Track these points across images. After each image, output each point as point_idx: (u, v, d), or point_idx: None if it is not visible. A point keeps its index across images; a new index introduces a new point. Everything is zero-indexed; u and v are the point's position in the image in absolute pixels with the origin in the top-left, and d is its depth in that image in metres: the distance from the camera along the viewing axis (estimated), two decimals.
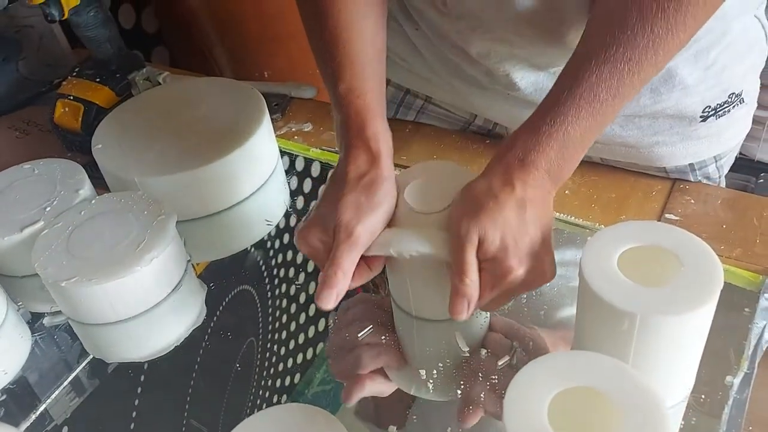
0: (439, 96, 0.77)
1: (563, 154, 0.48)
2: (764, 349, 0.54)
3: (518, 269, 0.48)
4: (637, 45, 0.46)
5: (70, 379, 0.61)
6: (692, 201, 0.67)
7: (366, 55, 0.55)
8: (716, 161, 0.70)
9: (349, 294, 0.52)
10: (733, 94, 0.66)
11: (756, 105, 0.72)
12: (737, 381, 0.51)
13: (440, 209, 0.52)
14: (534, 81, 0.65)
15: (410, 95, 0.80)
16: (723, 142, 0.69)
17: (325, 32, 0.55)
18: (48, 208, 0.66)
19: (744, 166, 1.52)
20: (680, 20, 0.46)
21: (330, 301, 0.49)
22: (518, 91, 0.66)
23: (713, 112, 0.66)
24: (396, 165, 0.76)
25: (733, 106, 0.67)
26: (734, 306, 0.57)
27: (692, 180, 0.70)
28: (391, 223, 0.53)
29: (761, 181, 1.66)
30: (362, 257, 0.51)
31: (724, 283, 0.44)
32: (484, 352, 0.55)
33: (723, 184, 0.74)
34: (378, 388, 0.56)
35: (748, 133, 0.73)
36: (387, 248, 0.50)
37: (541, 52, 0.62)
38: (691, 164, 0.69)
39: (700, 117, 0.66)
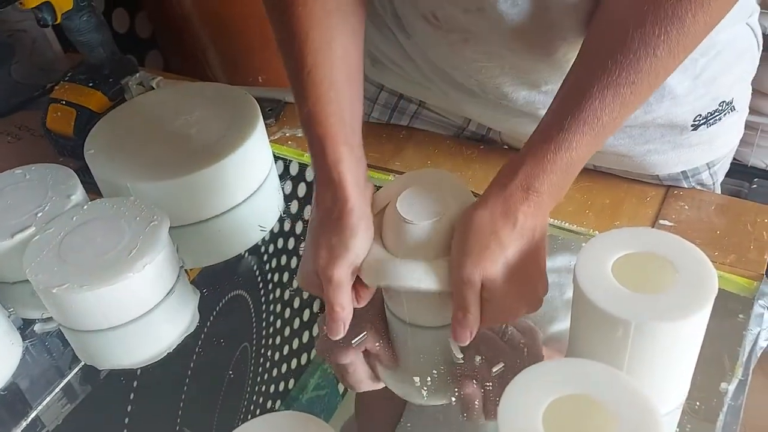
0: (433, 101, 0.77)
1: (566, 179, 0.49)
2: (758, 355, 0.54)
3: (518, 303, 0.49)
4: (640, 69, 0.46)
5: (61, 385, 0.61)
6: (686, 207, 0.67)
7: (331, 79, 0.54)
8: (709, 168, 0.70)
9: None
10: (723, 102, 0.66)
11: (748, 111, 0.72)
12: (732, 388, 0.51)
13: (432, 219, 0.51)
14: (525, 95, 0.65)
15: (404, 100, 0.80)
16: (715, 149, 0.69)
17: (293, 55, 0.55)
18: (39, 214, 0.66)
19: (737, 171, 1.52)
20: (682, 42, 0.46)
21: (339, 331, 0.52)
22: (510, 102, 0.66)
23: (704, 120, 0.66)
24: (390, 170, 0.77)
25: (724, 114, 0.67)
26: (728, 312, 0.57)
27: (686, 187, 0.70)
28: (383, 234, 0.53)
29: (755, 186, 1.67)
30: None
31: (719, 289, 0.44)
32: (478, 358, 0.55)
33: (718, 190, 0.74)
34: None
35: (741, 138, 0.73)
36: (382, 281, 0.52)
37: (533, 67, 0.62)
38: (683, 172, 0.69)
39: (691, 126, 0.66)
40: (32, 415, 0.58)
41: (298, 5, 0.54)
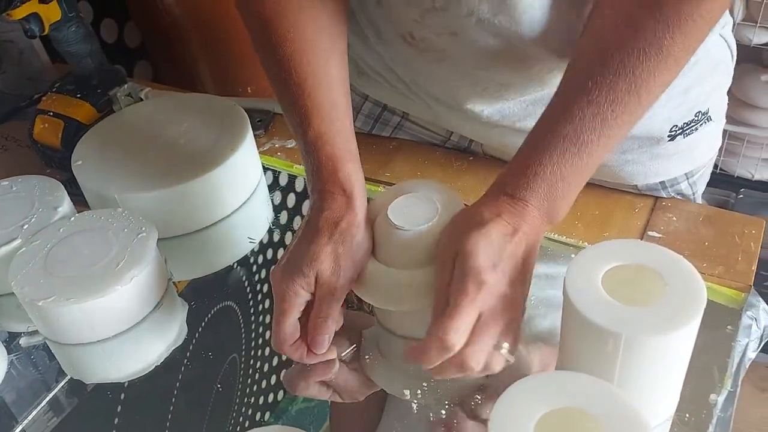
0: (416, 113, 0.78)
1: (553, 193, 0.49)
2: (747, 366, 0.54)
3: (494, 286, 0.47)
4: (619, 88, 0.47)
5: (47, 399, 0.60)
6: (674, 218, 0.68)
7: (332, 99, 0.56)
8: (688, 178, 0.71)
9: None
10: (699, 112, 0.67)
11: (725, 121, 0.72)
12: (721, 399, 0.51)
13: (422, 225, 0.51)
14: (501, 109, 0.66)
15: (387, 111, 0.80)
16: (693, 159, 0.70)
17: (290, 82, 0.56)
18: (26, 226, 0.65)
19: (724, 181, 1.54)
20: (662, 64, 0.47)
21: (324, 345, 0.53)
22: (487, 116, 0.67)
23: (680, 130, 0.66)
24: (379, 182, 0.77)
25: (701, 124, 0.67)
26: (717, 324, 0.57)
27: (665, 197, 0.71)
28: (375, 243, 0.53)
29: (741, 196, 1.68)
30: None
31: (707, 300, 0.44)
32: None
33: (699, 200, 0.74)
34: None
35: (727, 149, 0.73)
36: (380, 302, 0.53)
37: (509, 83, 0.63)
38: (662, 182, 0.70)
39: (668, 136, 0.66)
40: (18, 430, 0.58)
41: (289, 31, 0.55)
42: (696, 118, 0.67)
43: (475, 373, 0.48)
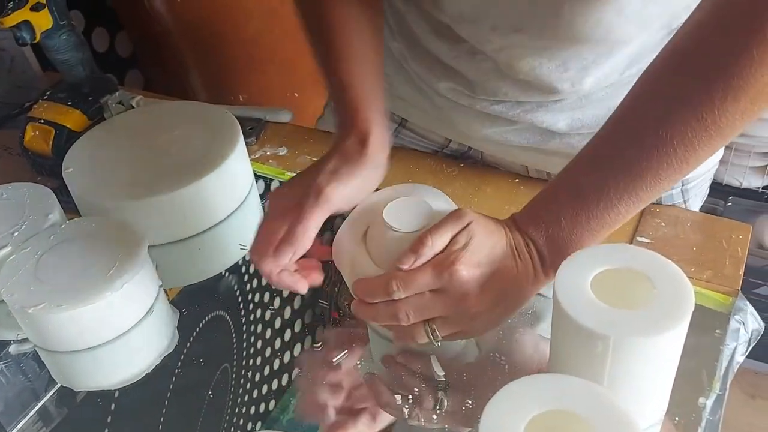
0: (415, 118, 0.78)
1: (553, 243, 0.51)
2: (735, 370, 0.55)
3: (462, 279, 0.49)
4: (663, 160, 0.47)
5: (37, 408, 0.60)
6: (663, 224, 0.68)
7: (363, 51, 0.58)
8: (682, 185, 0.71)
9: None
10: None
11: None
12: (710, 402, 0.52)
13: (419, 228, 0.52)
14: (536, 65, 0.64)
15: None
16: None
17: (322, 26, 0.58)
18: (16, 233, 0.65)
19: (713, 189, 1.54)
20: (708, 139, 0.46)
21: (286, 255, 0.52)
22: (515, 75, 0.66)
23: None
24: None
25: None
26: (705, 327, 0.57)
27: (654, 202, 0.71)
28: (369, 245, 0.54)
29: (729, 204, 1.70)
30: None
31: (695, 304, 0.44)
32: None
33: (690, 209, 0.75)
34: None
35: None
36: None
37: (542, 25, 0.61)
38: None
39: None
40: None
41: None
42: None
43: (404, 330, 0.51)
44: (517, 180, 0.76)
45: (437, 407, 0.53)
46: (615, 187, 0.48)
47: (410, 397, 0.54)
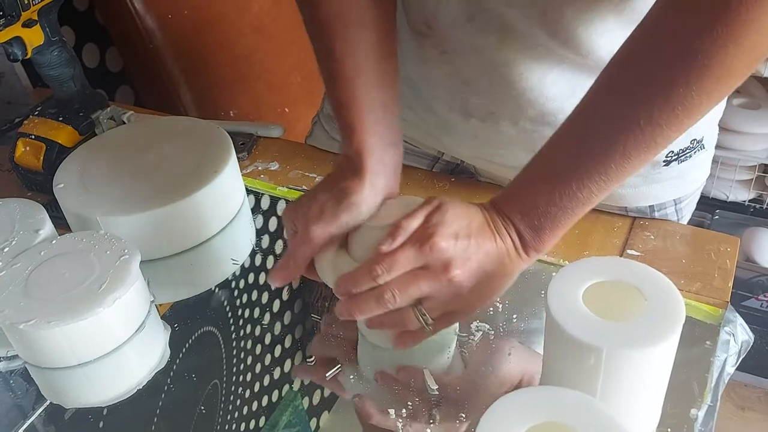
0: (410, 131, 0.79)
1: (539, 222, 0.51)
2: (726, 381, 0.55)
3: (443, 251, 0.50)
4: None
5: (25, 426, 0.59)
6: (652, 237, 0.69)
7: (367, 82, 0.58)
8: (675, 204, 0.72)
9: None
10: (695, 140, 0.68)
11: (720, 129, 0.74)
12: (701, 414, 0.52)
13: (394, 221, 0.52)
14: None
15: None
16: (684, 186, 0.71)
17: (331, 58, 0.58)
18: (6, 249, 0.64)
19: (700, 203, 1.57)
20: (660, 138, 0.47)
21: (278, 280, 0.57)
22: (483, 123, 0.68)
23: (676, 156, 0.67)
24: None
25: (695, 152, 0.69)
26: (696, 339, 0.58)
27: (647, 216, 0.72)
28: (350, 248, 0.54)
29: (716, 217, 1.71)
30: None
31: (686, 316, 0.45)
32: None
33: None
34: None
35: None
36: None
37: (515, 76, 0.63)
38: (651, 206, 0.71)
39: (663, 161, 0.67)
40: None
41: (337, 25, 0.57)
42: (691, 146, 0.67)
43: (393, 316, 0.51)
44: None
45: (430, 421, 0.53)
46: (584, 165, 0.49)
47: (404, 411, 0.54)
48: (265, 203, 0.80)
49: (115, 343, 0.60)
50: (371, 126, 0.56)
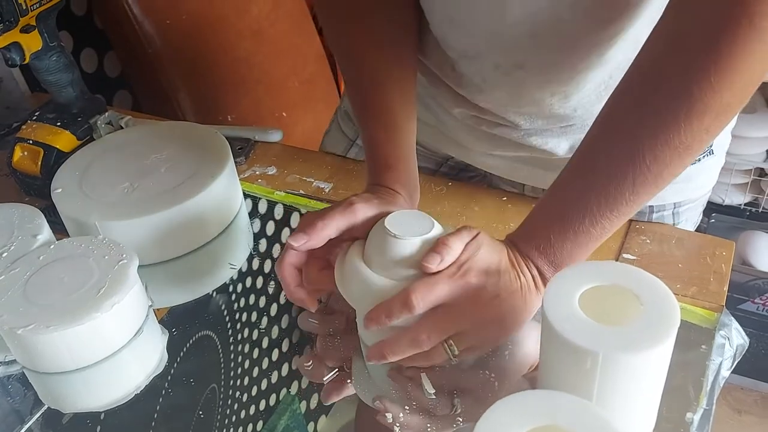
0: (420, 133, 0.79)
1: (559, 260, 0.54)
2: (722, 385, 0.55)
3: (474, 287, 0.51)
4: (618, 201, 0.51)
5: (23, 431, 0.59)
6: (648, 241, 0.69)
7: (393, 113, 0.63)
8: (674, 207, 0.73)
9: None
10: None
11: (724, 161, 0.74)
12: (697, 417, 0.52)
13: (419, 234, 0.53)
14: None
15: None
16: (688, 191, 0.72)
17: (363, 96, 0.63)
18: (5, 254, 0.64)
19: None
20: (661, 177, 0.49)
21: (299, 241, 0.54)
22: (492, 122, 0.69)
23: None
24: None
25: (705, 156, 0.70)
26: (691, 343, 0.58)
27: (645, 221, 0.72)
28: (371, 257, 0.54)
29: (713, 221, 1.72)
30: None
31: (681, 320, 0.45)
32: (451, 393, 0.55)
33: None
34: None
35: None
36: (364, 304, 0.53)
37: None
38: (651, 206, 0.72)
39: None
40: None
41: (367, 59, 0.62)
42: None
43: (422, 354, 0.51)
44: (504, 198, 0.76)
45: (428, 425, 0.54)
46: (597, 203, 0.50)
47: (401, 415, 0.54)
48: (262, 207, 0.81)
49: (113, 347, 0.60)
50: (407, 164, 0.63)
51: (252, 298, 0.71)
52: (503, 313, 0.52)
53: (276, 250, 0.75)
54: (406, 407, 0.55)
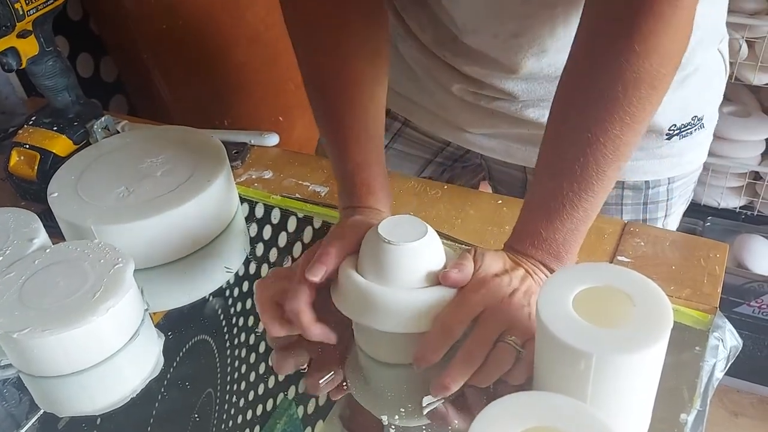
0: (417, 119, 0.80)
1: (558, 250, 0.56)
2: (715, 386, 0.55)
3: (497, 287, 0.53)
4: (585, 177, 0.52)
5: None
6: (642, 243, 0.70)
7: (368, 132, 0.63)
8: (669, 183, 0.75)
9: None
10: (695, 117, 0.71)
11: (713, 137, 0.76)
12: (691, 419, 0.53)
13: (413, 240, 0.53)
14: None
15: (389, 118, 0.82)
16: (680, 165, 0.74)
17: (333, 118, 0.64)
18: (0, 258, 0.64)
19: (692, 210, 1.58)
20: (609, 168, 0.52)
21: (319, 273, 0.55)
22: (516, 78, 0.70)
23: (678, 131, 0.70)
24: None
25: (695, 129, 0.72)
26: (685, 345, 0.58)
27: (641, 201, 0.75)
28: (364, 258, 0.55)
29: (708, 224, 1.73)
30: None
31: (675, 322, 0.45)
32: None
33: (671, 219, 0.77)
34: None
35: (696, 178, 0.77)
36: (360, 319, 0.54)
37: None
38: (647, 181, 0.74)
39: (666, 135, 0.70)
40: None
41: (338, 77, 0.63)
42: (692, 122, 0.71)
43: (493, 365, 0.51)
44: (500, 201, 0.77)
45: (423, 427, 0.54)
46: (570, 189, 0.52)
47: (396, 417, 0.55)
48: (258, 212, 0.81)
49: (109, 351, 0.60)
50: (384, 185, 0.64)
51: (248, 303, 0.71)
52: (527, 302, 0.53)
53: (272, 254, 0.75)
54: (401, 409, 0.55)
